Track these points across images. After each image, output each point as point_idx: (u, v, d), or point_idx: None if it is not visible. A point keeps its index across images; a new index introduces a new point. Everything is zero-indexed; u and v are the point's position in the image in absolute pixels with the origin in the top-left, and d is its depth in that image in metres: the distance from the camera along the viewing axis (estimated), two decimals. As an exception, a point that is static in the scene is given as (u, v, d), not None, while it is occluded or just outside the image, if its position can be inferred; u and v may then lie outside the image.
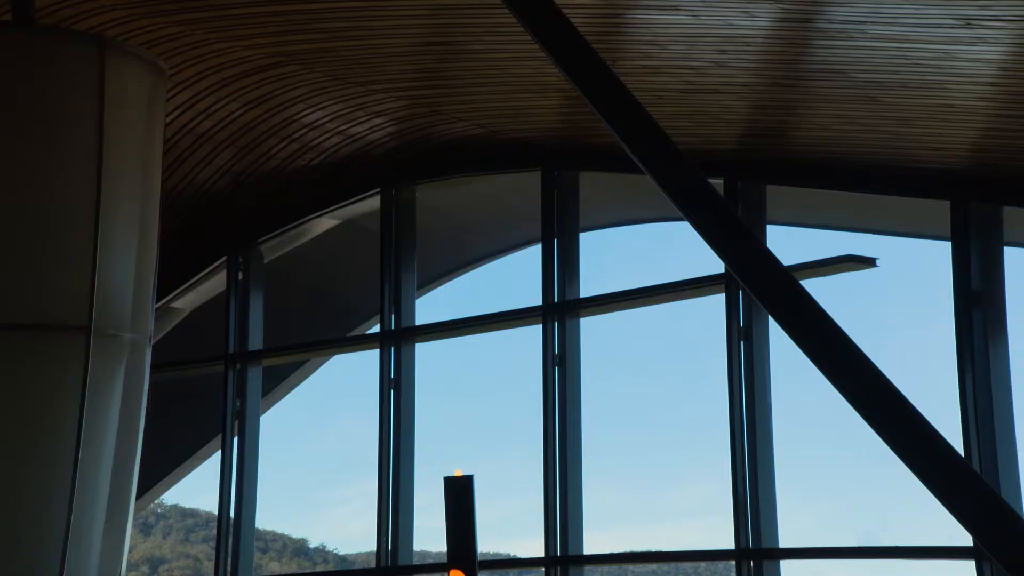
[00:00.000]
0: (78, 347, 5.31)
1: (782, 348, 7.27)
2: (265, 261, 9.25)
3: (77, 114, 5.44)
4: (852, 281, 7.25)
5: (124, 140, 5.54)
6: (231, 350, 9.05)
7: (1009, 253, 6.68)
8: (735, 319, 7.30)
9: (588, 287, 7.99)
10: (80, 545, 5.24)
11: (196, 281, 9.42)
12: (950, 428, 6.43)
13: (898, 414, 3.27)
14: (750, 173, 7.32)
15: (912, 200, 6.96)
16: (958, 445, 6.45)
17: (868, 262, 7.07)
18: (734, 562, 7.11)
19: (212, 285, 9.50)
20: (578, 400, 7.82)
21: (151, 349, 5.69)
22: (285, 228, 9.12)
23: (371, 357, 8.60)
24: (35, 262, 5.39)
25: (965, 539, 6.35)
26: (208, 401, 9.26)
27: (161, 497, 11.45)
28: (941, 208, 6.77)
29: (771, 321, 7.18)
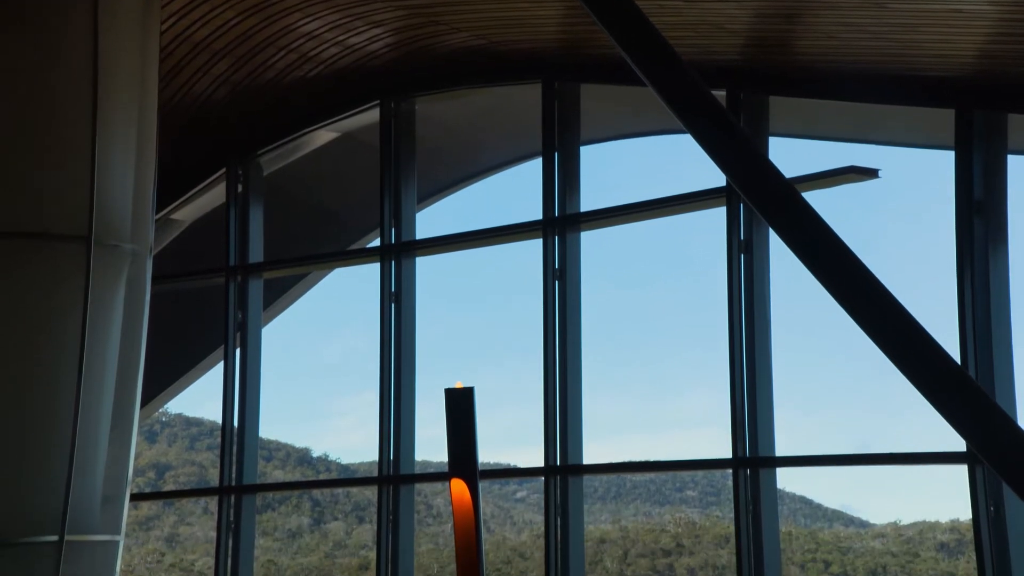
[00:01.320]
0: (79, 257, 5.32)
1: (782, 261, 7.28)
2: (264, 174, 9.21)
3: (72, 21, 5.37)
4: (854, 192, 7.23)
5: (119, 47, 5.47)
6: (232, 262, 9.07)
7: (1013, 161, 6.64)
8: (736, 232, 7.29)
9: (588, 201, 7.97)
10: (86, 451, 5.32)
11: (196, 193, 9.40)
12: (948, 336, 6.47)
13: (896, 323, 3.30)
14: (753, 84, 7.24)
15: (916, 109, 6.90)
16: (955, 353, 6.49)
17: (870, 173, 7.04)
18: (731, 470, 7.22)
19: (212, 197, 9.48)
20: (578, 313, 7.85)
21: (152, 260, 5.70)
22: (284, 140, 9.05)
23: (372, 271, 8.62)
24: (34, 172, 5.37)
25: (958, 444, 6.43)
26: (211, 311, 9.30)
27: (166, 406, 11.58)
28: (945, 117, 6.72)
29: (772, 234, 7.17)
